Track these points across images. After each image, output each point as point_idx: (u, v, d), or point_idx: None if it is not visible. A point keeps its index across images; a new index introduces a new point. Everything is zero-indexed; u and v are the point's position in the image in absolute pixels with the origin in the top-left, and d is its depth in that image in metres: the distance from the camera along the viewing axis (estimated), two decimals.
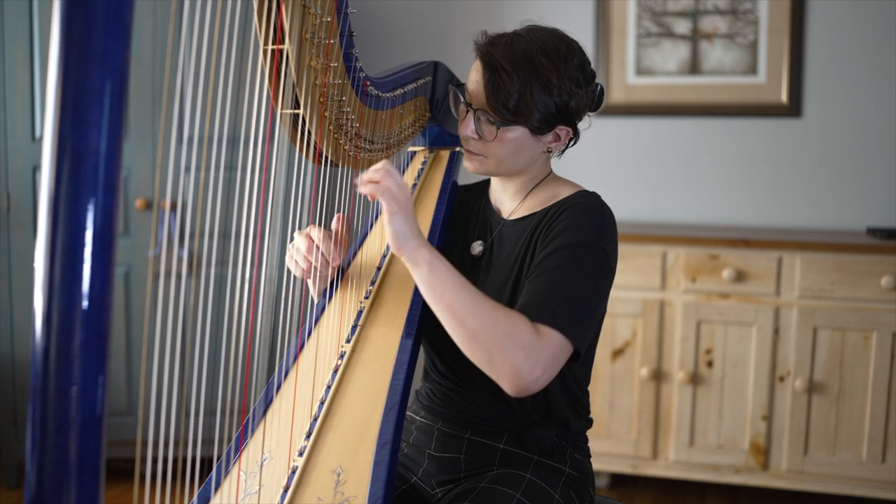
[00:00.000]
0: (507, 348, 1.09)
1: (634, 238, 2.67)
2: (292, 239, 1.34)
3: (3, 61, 2.69)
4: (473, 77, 1.28)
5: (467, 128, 1.29)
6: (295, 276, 1.34)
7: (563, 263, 1.19)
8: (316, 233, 1.32)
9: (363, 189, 1.14)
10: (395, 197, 1.13)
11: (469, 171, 1.35)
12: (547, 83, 1.23)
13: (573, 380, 1.31)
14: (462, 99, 1.30)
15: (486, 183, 1.46)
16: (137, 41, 2.61)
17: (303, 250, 1.32)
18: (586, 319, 1.17)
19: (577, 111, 1.29)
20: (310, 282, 1.38)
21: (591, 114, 1.34)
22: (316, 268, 1.32)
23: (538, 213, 1.31)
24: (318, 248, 1.32)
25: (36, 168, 2.73)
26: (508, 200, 1.37)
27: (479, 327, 1.10)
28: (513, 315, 1.12)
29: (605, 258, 1.22)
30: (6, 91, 2.70)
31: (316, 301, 1.39)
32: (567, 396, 1.31)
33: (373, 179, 1.14)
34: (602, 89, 1.33)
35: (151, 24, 2.64)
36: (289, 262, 1.36)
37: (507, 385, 1.11)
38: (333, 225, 1.35)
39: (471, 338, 1.11)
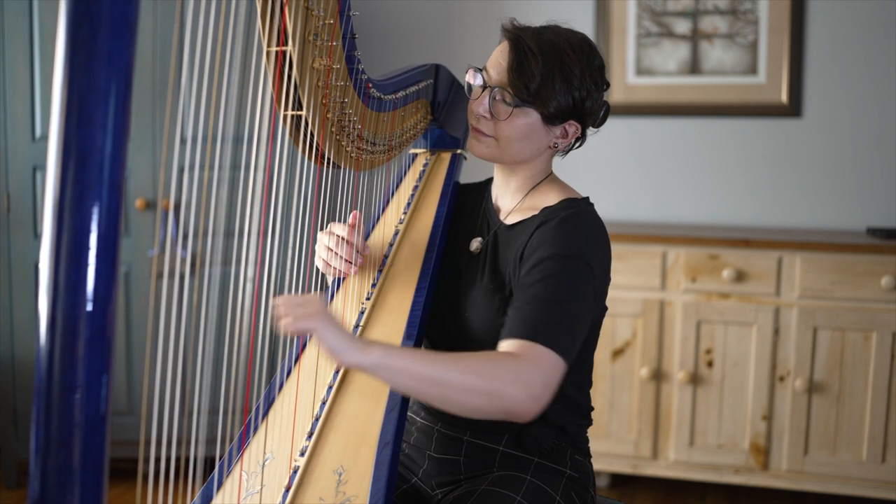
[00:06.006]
0: (500, 390, 1.04)
1: (634, 238, 2.67)
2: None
3: (3, 61, 2.69)
4: (496, 57, 1.28)
5: (480, 105, 1.28)
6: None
7: (540, 278, 1.17)
8: (340, 229, 1.34)
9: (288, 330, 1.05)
10: (306, 317, 1.04)
11: (466, 173, 1.35)
12: (569, 74, 1.23)
13: (570, 384, 1.30)
14: (481, 76, 1.29)
15: (489, 181, 1.46)
16: (138, 41, 2.61)
17: (333, 246, 1.34)
18: (569, 329, 1.14)
19: (590, 112, 1.29)
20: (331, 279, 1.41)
21: (593, 129, 1.34)
22: (349, 263, 1.34)
23: (527, 220, 1.31)
24: (347, 242, 1.34)
25: (36, 168, 2.73)
26: (509, 198, 1.37)
27: (465, 384, 1.04)
28: (489, 355, 1.09)
29: (585, 266, 1.19)
30: (6, 91, 2.70)
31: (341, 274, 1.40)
32: (563, 401, 1.30)
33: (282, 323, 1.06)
34: (608, 108, 1.33)
35: (152, 23, 2.64)
36: (321, 266, 1.38)
37: (516, 418, 1.07)
38: (351, 220, 1.36)
39: (462, 401, 1.05)
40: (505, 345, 1.12)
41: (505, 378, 1.05)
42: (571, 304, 1.16)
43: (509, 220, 1.34)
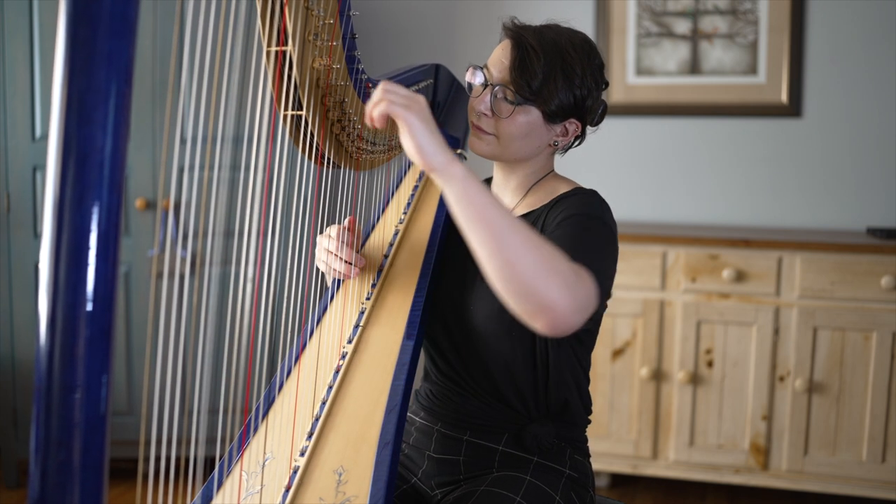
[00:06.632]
0: (548, 278, 0.97)
1: (634, 238, 2.67)
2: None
3: (3, 61, 2.69)
4: (497, 55, 1.28)
5: (481, 103, 1.28)
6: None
7: (573, 229, 1.19)
8: (337, 231, 1.35)
9: (375, 116, 1.02)
10: (407, 107, 1.00)
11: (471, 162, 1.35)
12: (571, 72, 1.24)
13: (579, 363, 1.32)
14: (482, 74, 1.29)
15: (487, 181, 1.46)
16: (138, 41, 2.62)
17: (333, 249, 1.34)
18: (606, 274, 1.15)
19: (589, 110, 1.30)
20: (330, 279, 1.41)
21: (591, 128, 1.35)
22: (349, 264, 1.34)
23: (536, 210, 1.31)
24: (346, 244, 1.34)
25: (36, 168, 2.73)
26: (509, 195, 1.37)
27: (521, 249, 0.97)
28: (554, 246, 1.02)
29: (607, 227, 1.23)
30: (6, 91, 2.70)
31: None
32: (574, 374, 1.31)
33: (376, 103, 1.03)
34: (606, 107, 1.33)
35: (152, 23, 2.64)
36: (322, 267, 1.38)
37: (543, 321, 0.99)
38: (346, 224, 1.36)
39: (510, 262, 0.97)
40: None
41: (559, 272, 0.98)
42: (605, 254, 1.19)
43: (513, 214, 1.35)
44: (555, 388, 1.29)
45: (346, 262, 1.34)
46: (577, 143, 1.36)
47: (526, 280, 0.97)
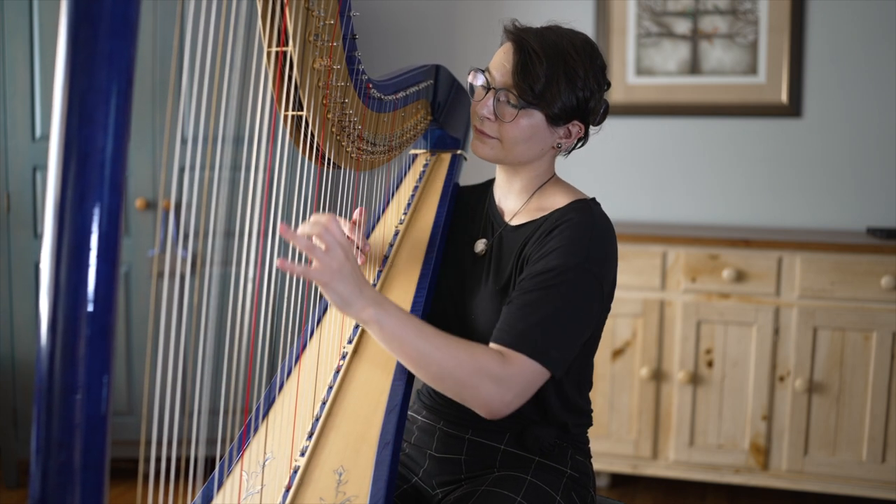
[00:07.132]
0: (475, 385, 1.12)
1: (634, 238, 2.67)
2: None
3: (3, 61, 2.69)
4: (500, 59, 1.28)
5: (484, 107, 1.28)
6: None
7: (543, 287, 1.18)
8: (342, 224, 1.34)
9: (285, 266, 1.04)
10: (320, 271, 1.07)
11: (466, 174, 1.35)
12: (573, 75, 1.24)
13: (570, 384, 1.31)
14: (484, 77, 1.29)
15: (490, 182, 1.46)
16: (138, 41, 2.62)
17: None
18: (563, 343, 1.17)
19: (592, 112, 1.29)
20: None
21: (593, 128, 1.34)
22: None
23: (535, 221, 1.31)
24: (348, 239, 1.34)
25: (36, 168, 2.73)
26: (513, 199, 1.37)
27: (442, 371, 1.12)
28: (477, 351, 1.13)
29: (592, 279, 1.21)
30: (6, 91, 2.70)
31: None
32: (563, 401, 1.30)
33: (298, 264, 1.07)
34: (608, 106, 1.33)
35: (152, 24, 2.64)
36: None
37: (481, 412, 1.14)
38: (355, 216, 1.36)
39: (437, 379, 1.14)
40: (495, 346, 1.15)
41: (483, 375, 1.11)
42: (570, 318, 1.18)
43: (515, 222, 1.34)
44: (553, 391, 1.29)
45: None
46: (580, 144, 1.35)
47: (455, 387, 1.13)
